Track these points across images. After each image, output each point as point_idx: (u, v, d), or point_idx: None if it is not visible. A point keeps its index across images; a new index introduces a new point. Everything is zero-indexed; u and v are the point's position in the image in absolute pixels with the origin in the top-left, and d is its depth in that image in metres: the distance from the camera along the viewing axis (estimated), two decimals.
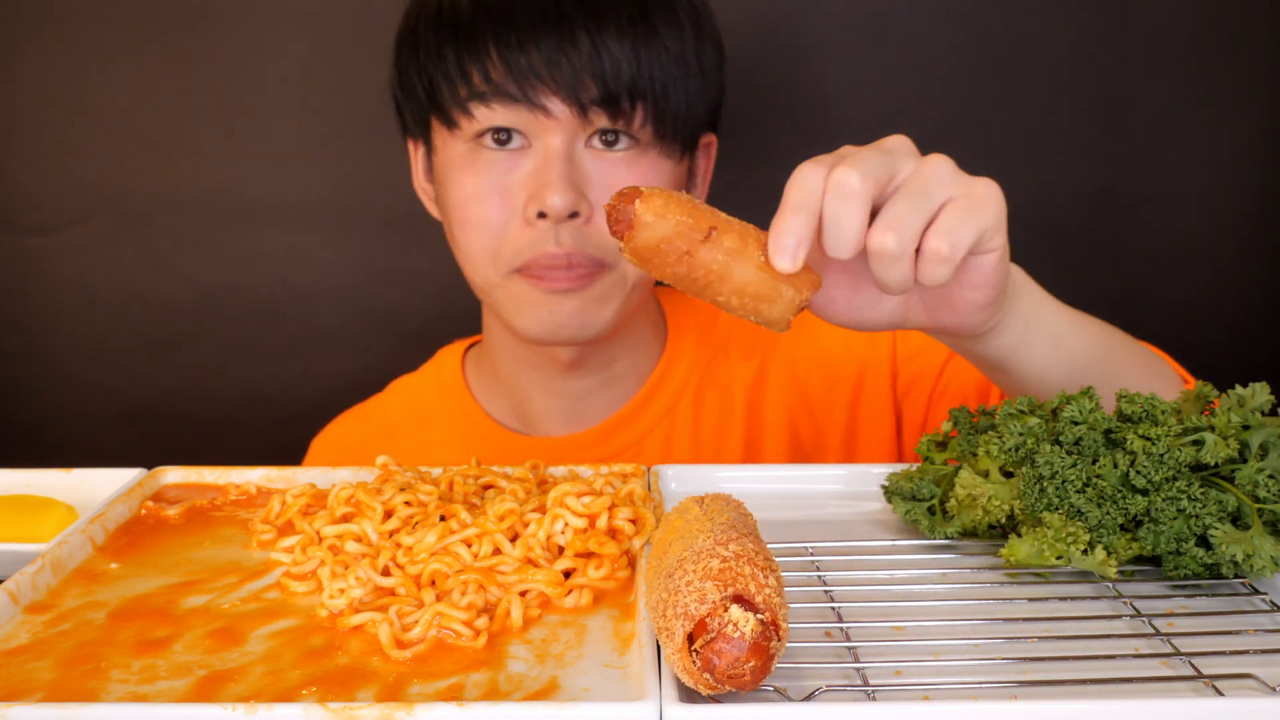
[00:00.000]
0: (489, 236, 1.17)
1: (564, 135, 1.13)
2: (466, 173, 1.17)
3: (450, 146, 1.19)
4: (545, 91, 1.12)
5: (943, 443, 0.88)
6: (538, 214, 1.13)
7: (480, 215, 1.17)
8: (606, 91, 1.12)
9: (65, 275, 1.72)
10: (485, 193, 1.16)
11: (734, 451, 1.31)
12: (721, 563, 0.62)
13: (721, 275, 0.76)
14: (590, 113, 1.13)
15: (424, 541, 0.78)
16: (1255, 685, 0.62)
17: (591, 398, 1.32)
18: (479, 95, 1.13)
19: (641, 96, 1.14)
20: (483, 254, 1.18)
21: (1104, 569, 0.74)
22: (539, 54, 1.11)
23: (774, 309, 0.77)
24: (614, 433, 1.31)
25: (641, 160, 1.17)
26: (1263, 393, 0.79)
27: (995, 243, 0.82)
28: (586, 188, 1.15)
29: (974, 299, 0.86)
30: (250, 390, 1.75)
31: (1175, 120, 1.65)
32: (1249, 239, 1.70)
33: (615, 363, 1.31)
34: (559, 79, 1.11)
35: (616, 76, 1.12)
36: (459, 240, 1.20)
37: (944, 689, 0.62)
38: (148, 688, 0.65)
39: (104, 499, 0.90)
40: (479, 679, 0.66)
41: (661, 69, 1.14)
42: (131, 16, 1.63)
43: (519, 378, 1.32)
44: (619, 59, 1.12)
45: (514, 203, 1.15)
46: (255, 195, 1.69)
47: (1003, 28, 1.62)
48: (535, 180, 1.14)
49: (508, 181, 1.15)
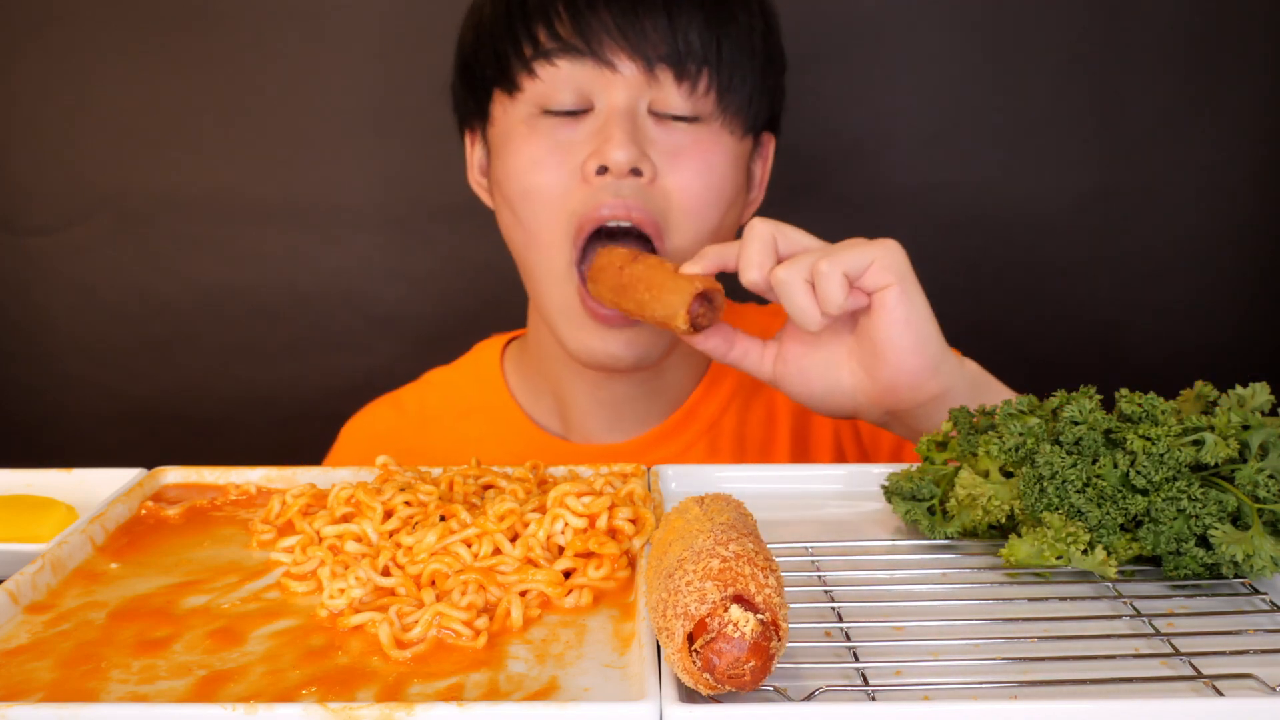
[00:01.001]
0: (551, 202, 1.13)
1: (628, 93, 1.11)
2: (527, 139, 1.14)
3: (511, 114, 1.16)
4: (613, 47, 1.10)
5: (943, 443, 0.88)
6: (598, 169, 1.11)
7: (541, 180, 1.13)
8: (674, 52, 1.11)
9: (65, 275, 1.72)
10: (544, 157, 1.13)
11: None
12: (721, 563, 0.62)
13: (643, 277, 1.04)
14: (657, 69, 1.11)
15: (424, 541, 0.78)
16: (1255, 685, 0.62)
17: (636, 405, 1.29)
18: (544, 53, 1.12)
19: (709, 63, 1.13)
20: (547, 225, 1.14)
21: (1104, 569, 0.74)
22: (609, 13, 1.10)
23: (675, 298, 1.01)
24: (659, 443, 1.29)
25: (705, 131, 1.15)
26: (1263, 393, 0.79)
27: (885, 277, 0.97)
28: (650, 149, 1.12)
29: (895, 341, 0.99)
30: (250, 390, 1.75)
31: (1174, 121, 1.65)
32: (1248, 239, 1.70)
33: (664, 373, 1.29)
34: (629, 35, 1.10)
35: (687, 41, 1.11)
36: (520, 214, 1.16)
37: (944, 689, 0.62)
38: (148, 688, 0.65)
39: (104, 499, 0.90)
40: (479, 679, 0.66)
41: (731, 46, 1.14)
42: (131, 16, 1.64)
43: (562, 379, 1.29)
44: (690, 26, 1.11)
45: (574, 163, 1.12)
46: (256, 195, 1.69)
47: (1002, 28, 1.62)
48: (597, 137, 1.11)
49: (570, 141, 1.13)
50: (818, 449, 1.31)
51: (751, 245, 1.01)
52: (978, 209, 1.68)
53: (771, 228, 1.01)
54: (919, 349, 0.99)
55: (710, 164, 1.15)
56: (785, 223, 1.02)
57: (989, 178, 1.67)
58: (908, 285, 0.99)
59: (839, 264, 0.96)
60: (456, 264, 1.69)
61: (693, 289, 1.01)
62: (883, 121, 1.67)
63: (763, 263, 1.00)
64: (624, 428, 1.30)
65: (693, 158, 1.14)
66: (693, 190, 1.14)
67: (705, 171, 1.14)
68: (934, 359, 1.00)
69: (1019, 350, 1.73)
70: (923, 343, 0.99)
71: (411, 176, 1.65)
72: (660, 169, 1.12)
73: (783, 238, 1.01)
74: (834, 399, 1.06)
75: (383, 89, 1.32)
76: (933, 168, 1.67)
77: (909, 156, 1.67)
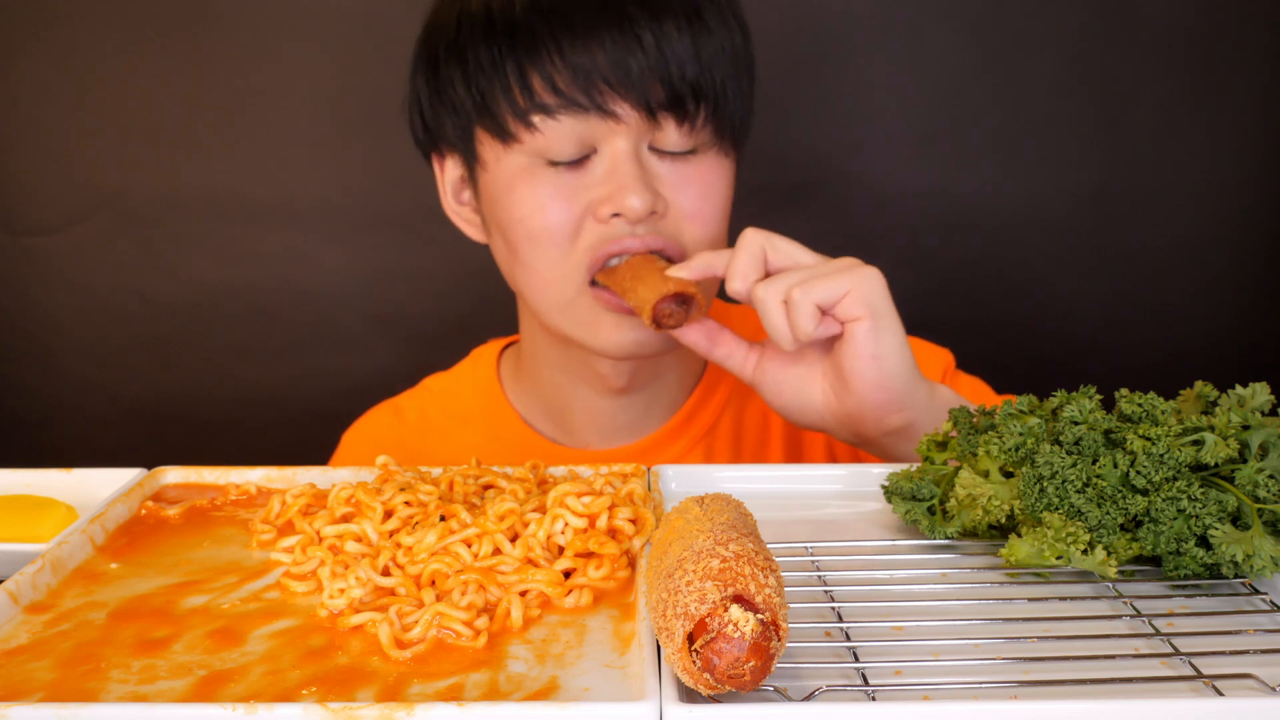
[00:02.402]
0: (559, 246, 1.11)
1: (630, 139, 1.10)
2: (531, 186, 1.11)
3: (506, 162, 1.12)
4: (613, 97, 1.08)
5: (943, 443, 0.88)
6: (612, 215, 1.09)
7: (548, 225, 1.11)
8: (673, 92, 1.09)
9: (65, 275, 1.72)
10: (550, 203, 1.10)
11: None
12: (721, 563, 0.62)
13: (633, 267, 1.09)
14: (659, 115, 1.09)
15: (424, 541, 0.78)
16: (1255, 685, 0.62)
17: (632, 411, 1.29)
18: (543, 107, 1.08)
19: (704, 96, 1.11)
20: (554, 267, 1.13)
21: (1104, 569, 0.74)
22: (604, 57, 1.06)
23: (648, 293, 1.04)
24: (655, 449, 1.29)
25: (704, 160, 1.14)
26: (1263, 393, 0.79)
27: (857, 309, 0.99)
28: (659, 186, 1.12)
29: (861, 374, 1.01)
30: (250, 390, 1.75)
31: (1175, 120, 1.65)
32: (1248, 239, 1.70)
33: (660, 377, 1.29)
34: (627, 82, 1.07)
35: (682, 76, 1.09)
36: (526, 259, 1.14)
37: (944, 689, 0.62)
38: (148, 688, 0.65)
39: (104, 499, 0.90)
40: (479, 679, 0.66)
41: (719, 66, 1.12)
42: (131, 16, 1.64)
43: (559, 387, 1.29)
44: (683, 57, 1.09)
45: (583, 204, 1.10)
46: (255, 195, 1.69)
47: (1003, 28, 1.62)
48: (608, 184, 1.09)
49: (578, 185, 1.10)
50: (811, 454, 1.31)
51: (740, 256, 1.03)
52: (978, 209, 1.68)
53: (762, 239, 1.03)
54: (884, 384, 1.01)
55: (714, 187, 1.16)
56: (777, 233, 1.03)
57: (989, 178, 1.67)
58: (880, 319, 1.00)
59: (811, 293, 0.98)
60: (456, 264, 1.69)
61: (664, 289, 1.04)
62: (883, 123, 1.67)
63: (748, 274, 1.02)
64: (621, 434, 1.30)
65: (698, 185, 1.14)
66: (703, 215, 1.15)
67: (711, 195, 1.15)
68: (899, 394, 1.02)
69: (1019, 350, 1.73)
70: (888, 378, 1.01)
71: (412, 176, 1.65)
72: (670, 201, 1.12)
73: (772, 250, 1.02)
74: (805, 415, 1.08)
75: (383, 89, 1.32)
76: (933, 168, 1.67)
77: (909, 157, 1.68)
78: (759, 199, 1.44)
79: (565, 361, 1.26)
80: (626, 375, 1.25)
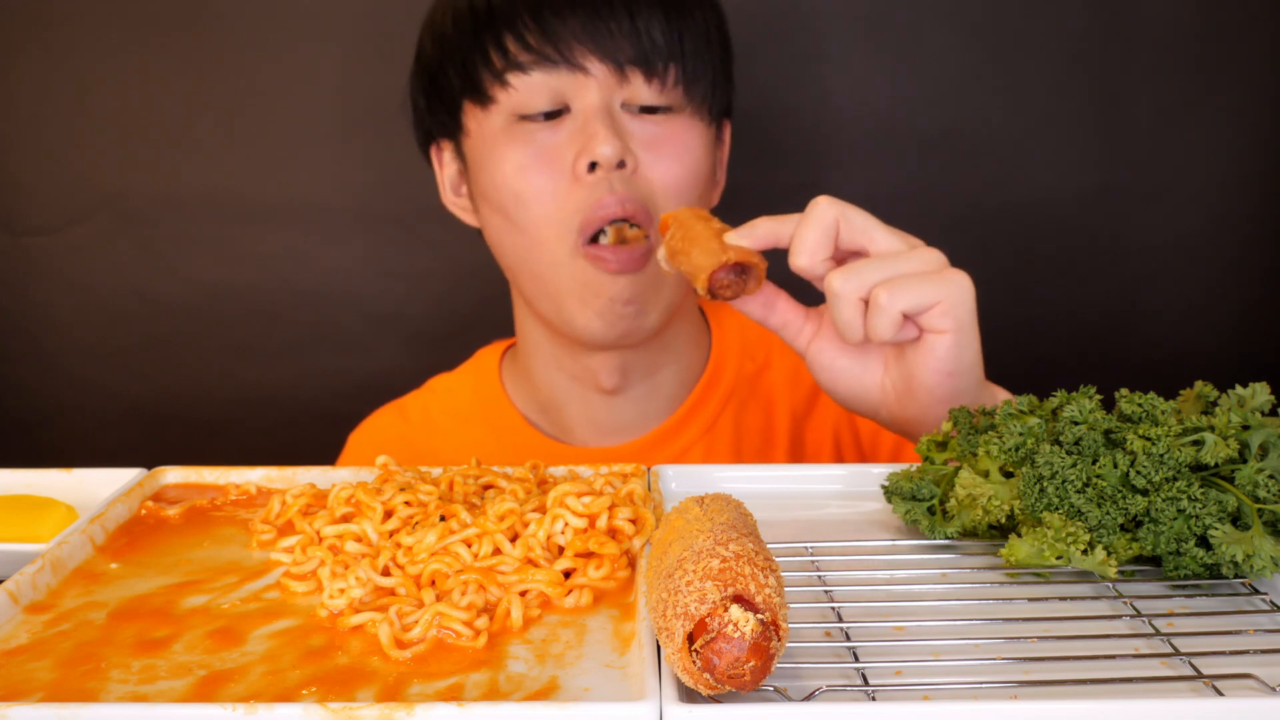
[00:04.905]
0: (546, 203, 1.15)
1: (602, 92, 1.15)
2: (509, 146, 1.16)
3: (486, 125, 1.18)
4: (583, 52, 1.13)
5: (943, 443, 0.88)
6: (588, 167, 1.13)
7: (532, 184, 1.15)
8: (641, 53, 1.14)
9: (65, 275, 1.72)
10: (530, 162, 1.15)
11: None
12: (721, 563, 0.62)
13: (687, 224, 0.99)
14: (627, 70, 1.14)
15: (424, 541, 0.78)
16: (1255, 685, 0.62)
17: (631, 408, 1.30)
18: (516, 64, 1.14)
19: (674, 58, 1.16)
20: (545, 224, 1.16)
21: (1104, 569, 0.74)
22: (576, 20, 1.13)
23: (705, 259, 0.94)
24: (656, 446, 1.29)
25: (676, 121, 1.18)
26: (1263, 393, 0.79)
27: (944, 323, 0.91)
28: (630, 141, 1.15)
29: (932, 389, 0.94)
30: (250, 390, 1.75)
31: (1175, 120, 1.65)
32: (1249, 239, 1.70)
33: (658, 372, 1.29)
34: (597, 39, 1.13)
35: (650, 36, 1.14)
36: (517, 219, 1.18)
37: (944, 689, 0.62)
38: (148, 688, 0.65)
39: (104, 499, 0.90)
40: (479, 679, 0.66)
41: (692, 39, 1.17)
42: (131, 16, 1.64)
43: (555, 385, 1.30)
44: (652, 24, 1.15)
45: (562, 164, 1.15)
46: (255, 195, 1.69)
47: (1002, 28, 1.62)
48: (580, 136, 1.14)
49: (553, 144, 1.15)
50: (815, 452, 1.31)
51: (810, 228, 0.93)
52: (977, 209, 1.68)
53: (837, 210, 0.93)
54: (953, 399, 0.95)
55: (687, 148, 1.18)
56: (853, 205, 0.94)
57: (989, 178, 1.67)
58: (964, 336, 0.93)
59: (899, 299, 0.90)
60: (456, 264, 1.69)
61: (723, 258, 0.93)
62: (883, 121, 1.67)
63: (815, 250, 0.93)
64: (620, 431, 1.30)
65: (670, 145, 1.17)
66: (673, 175, 1.17)
67: (683, 156, 1.17)
68: (963, 403, 0.96)
69: (1019, 350, 1.73)
70: (959, 393, 0.95)
71: (412, 176, 1.65)
72: (641, 160, 1.15)
73: (846, 224, 0.93)
74: (855, 404, 1.02)
75: (383, 89, 1.32)
76: (933, 168, 1.67)
77: (909, 156, 1.67)
78: (757, 198, 1.43)
79: (560, 359, 1.27)
80: (619, 373, 1.25)
